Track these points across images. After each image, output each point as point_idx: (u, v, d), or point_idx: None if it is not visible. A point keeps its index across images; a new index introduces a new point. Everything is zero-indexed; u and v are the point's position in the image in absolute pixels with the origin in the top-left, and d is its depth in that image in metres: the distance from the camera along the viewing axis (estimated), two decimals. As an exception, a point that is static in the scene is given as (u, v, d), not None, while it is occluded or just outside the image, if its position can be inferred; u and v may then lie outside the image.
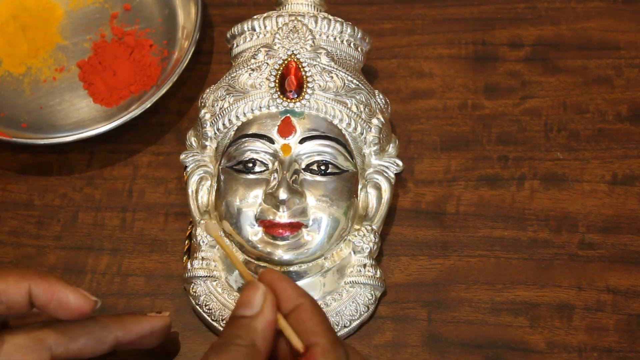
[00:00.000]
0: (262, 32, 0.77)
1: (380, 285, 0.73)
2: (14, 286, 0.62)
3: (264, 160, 0.72)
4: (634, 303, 0.73)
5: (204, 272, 0.73)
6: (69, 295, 0.62)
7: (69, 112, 0.83)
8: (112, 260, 0.77)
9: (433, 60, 0.85)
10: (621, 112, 0.81)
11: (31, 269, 0.63)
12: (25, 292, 0.62)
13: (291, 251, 0.71)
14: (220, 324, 0.72)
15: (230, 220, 0.72)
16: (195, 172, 0.75)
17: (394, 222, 0.77)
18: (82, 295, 0.62)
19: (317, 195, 0.71)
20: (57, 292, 0.62)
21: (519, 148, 0.80)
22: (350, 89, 0.74)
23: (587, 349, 0.71)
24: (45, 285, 0.62)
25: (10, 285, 0.62)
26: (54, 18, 0.87)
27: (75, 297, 0.62)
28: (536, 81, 0.83)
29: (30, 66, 0.85)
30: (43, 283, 0.62)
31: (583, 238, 0.76)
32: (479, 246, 0.76)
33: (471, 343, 0.72)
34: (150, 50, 0.85)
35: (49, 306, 0.62)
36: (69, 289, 0.62)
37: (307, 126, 0.72)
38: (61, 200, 0.80)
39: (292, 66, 0.74)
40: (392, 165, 0.75)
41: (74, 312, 0.62)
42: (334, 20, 0.77)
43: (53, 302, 0.62)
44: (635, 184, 0.78)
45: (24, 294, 0.62)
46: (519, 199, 0.78)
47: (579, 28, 0.85)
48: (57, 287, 0.62)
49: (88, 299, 0.63)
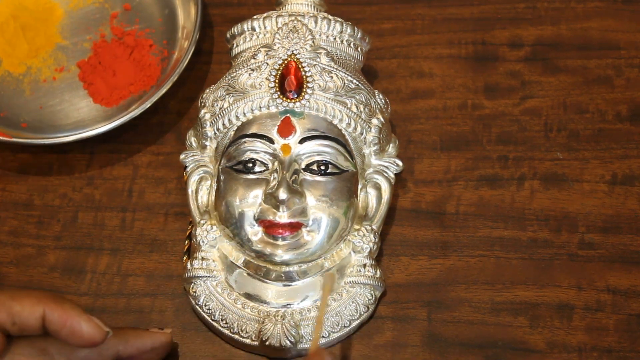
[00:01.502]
0: (262, 32, 0.77)
1: (380, 285, 0.73)
2: (29, 309, 0.62)
3: (264, 160, 0.72)
4: (634, 303, 0.73)
5: (204, 272, 0.73)
6: (82, 324, 0.62)
7: (69, 112, 0.83)
8: (112, 260, 0.77)
9: (433, 60, 0.85)
10: (621, 112, 0.81)
11: (48, 293, 0.63)
12: (39, 315, 0.62)
13: (291, 251, 0.71)
14: (220, 324, 0.72)
15: (230, 220, 0.72)
16: (195, 172, 0.75)
17: (394, 222, 0.77)
18: (95, 325, 0.63)
19: (317, 195, 0.71)
20: (71, 320, 0.62)
21: (519, 148, 0.80)
22: (350, 89, 0.74)
23: (587, 349, 0.71)
24: (60, 312, 0.62)
25: (25, 308, 0.62)
26: (54, 18, 0.87)
27: (88, 326, 0.62)
28: (536, 81, 0.83)
29: (30, 66, 0.85)
30: (58, 309, 0.62)
31: (583, 238, 0.76)
32: (478, 246, 0.76)
33: (471, 343, 0.72)
34: (150, 50, 0.85)
35: (61, 332, 0.62)
36: (82, 318, 0.62)
37: (307, 126, 0.72)
38: (61, 200, 0.80)
39: (292, 66, 0.74)
40: (392, 165, 0.75)
41: (86, 341, 0.63)
42: (334, 20, 0.77)
43: (66, 328, 0.62)
44: (635, 184, 0.78)
45: (38, 317, 0.62)
46: (519, 199, 0.78)
47: (579, 28, 0.85)
48: (72, 314, 0.62)
49: (100, 330, 0.63)
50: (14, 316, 0.62)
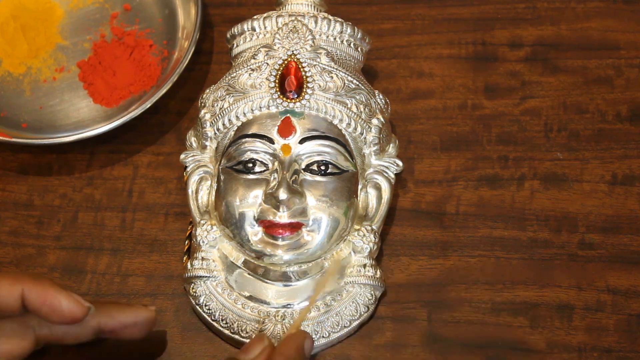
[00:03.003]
0: (262, 32, 0.77)
1: (380, 286, 0.73)
2: (7, 289, 0.62)
3: (264, 160, 0.72)
4: (634, 303, 0.73)
5: (204, 273, 0.73)
6: (62, 300, 0.62)
7: (69, 112, 0.83)
8: (112, 260, 0.77)
9: (433, 60, 0.85)
10: (621, 112, 0.81)
11: (26, 272, 0.63)
12: (18, 295, 0.62)
13: (291, 251, 0.71)
14: (220, 324, 0.72)
15: (230, 220, 0.72)
16: (195, 172, 0.75)
17: (394, 222, 0.77)
18: (75, 301, 0.62)
19: (317, 195, 0.71)
20: (50, 297, 0.62)
21: (519, 148, 0.80)
22: (350, 89, 0.74)
23: (587, 349, 0.71)
24: (39, 289, 0.62)
25: (3, 288, 0.62)
26: (54, 18, 0.87)
27: (68, 302, 0.62)
28: (536, 81, 0.83)
29: (30, 66, 0.85)
30: (36, 287, 0.62)
31: (583, 238, 0.76)
32: (479, 246, 0.76)
33: (471, 343, 0.72)
34: (150, 50, 0.85)
35: (41, 310, 0.62)
36: (62, 294, 0.62)
37: (307, 126, 0.72)
38: (61, 200, 0.80)
39: (292, 66, 0.74)
40: (392, 165, 0.75)
41: (66, 318, 0.62)
42: (334, 21, 0.77)
43: (45, 306, 0.62)
44: (635, 184, 0.78)
45: (17, 297, 0.62)
46: (519, 199, 0.78)
47: (579, 28, 0.85)
48: (50, 291, 0.62)
49: (81, 305, 0.63)
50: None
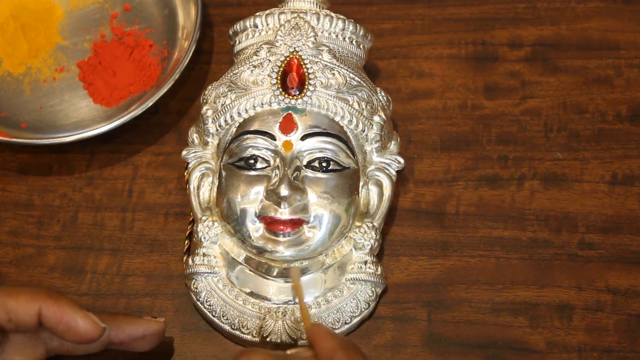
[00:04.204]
0: (264, 29, 0.77)
1: (381, 282, 0.73)
2: (25, 306, 0.62)
3: (266, 156, 0.72)
4: (634, 303, 0.73)
5: (205, 269, 0.73)
6: (78, 320, 0.62)
7: (69, 112, 0.83)
8: (112, 260, 0.77)
9: (433, 60, 0.85)
10: (621, 112, 0.81)
11: (44, 289, 0.63)
12: (35, 312, 0.62)
13: (292, 248, 0.71)
14: (221, 320, 0.72)
15: (232, 216, 0.72)
16: (197, 168, 0.75)
17: (394, 222, 0.77)
18: (91, 322, 0.63)
19: (318, 192, 0.71)
20: (67, 316, 0.62)
21: (519, 148, 0.80)
22: (352, 86, 0.74)
23: (587, 349, 0.71)
24: (56, 308, 0.62)
25: (21, 304, 0.62)
26: (54, 18, 0.87)
27: (85, 322, 0.62)
28: (536, 81, 0.83)
29: (30, 66, 0.85)
30: (54, 305, 0.62)
31: (583, 238, 0.76)
32: (478, 246, 0.76)
33: (471, 343, 0.72)
34: (150, 50, 0.85)
35: (57, 328, 0.62)
36: (79, 314, 0.62)
37: (308, 123, 0.72)
38: (61, 200, 0.80)
39: (294, 63, 0.74)
40: (394, 162, 0.75)
41: (82, 337, 0.63)
42: (336, 18, 0.77)
43: (62, 325, 0.62)
44: (635, 184, 0.78)
45: (34, 314, 0.62)
46: (519, 199, 0.78)
47: (579, 28, 0.86)
48: (68, 310, 0.62)
49: (97, 326, 0.63)
50: (9, 313, 0.62)
